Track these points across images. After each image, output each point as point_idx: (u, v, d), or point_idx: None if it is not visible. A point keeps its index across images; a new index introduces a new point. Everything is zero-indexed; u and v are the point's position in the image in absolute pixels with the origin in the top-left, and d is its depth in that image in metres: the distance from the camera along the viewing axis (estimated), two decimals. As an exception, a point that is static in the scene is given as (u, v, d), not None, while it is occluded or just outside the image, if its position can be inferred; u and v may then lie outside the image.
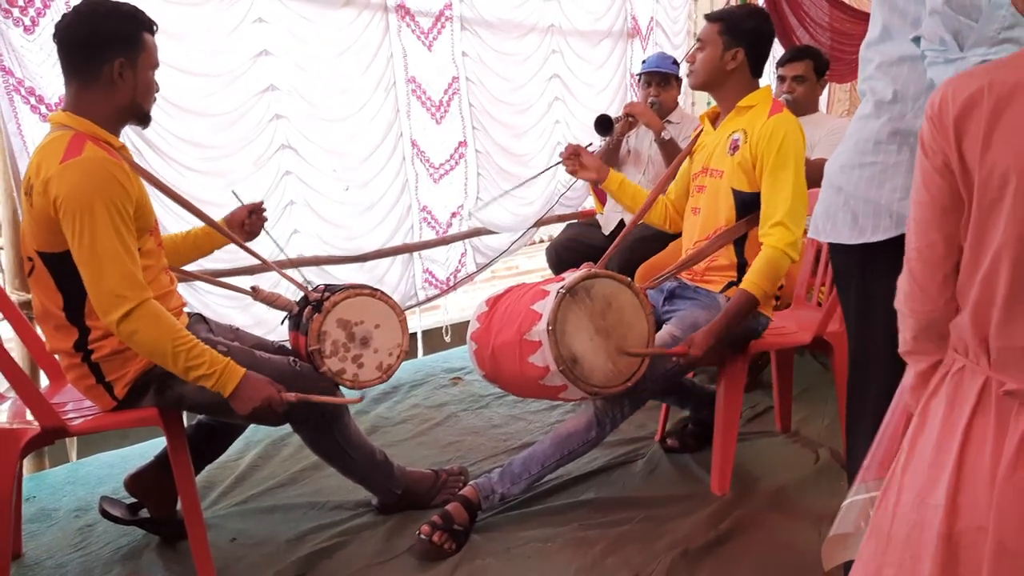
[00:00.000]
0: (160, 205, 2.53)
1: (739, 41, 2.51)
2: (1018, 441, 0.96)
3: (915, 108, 1.44)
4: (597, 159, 2.82)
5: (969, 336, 1.03)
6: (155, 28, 2.08)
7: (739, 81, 2.54)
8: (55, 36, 1.99)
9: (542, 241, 4.81)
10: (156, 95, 2.13)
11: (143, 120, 2.12)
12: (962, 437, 1.02)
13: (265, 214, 2.52)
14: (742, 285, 2.40)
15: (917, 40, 1.30)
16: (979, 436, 1.00)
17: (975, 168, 0.97)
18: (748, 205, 2.49)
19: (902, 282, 1.12)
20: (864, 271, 1.58)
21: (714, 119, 2.67)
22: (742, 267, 2.55)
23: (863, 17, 5.61)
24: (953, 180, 1.00)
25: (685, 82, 4.08)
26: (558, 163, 2.88)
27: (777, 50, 3.58)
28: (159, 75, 2.13)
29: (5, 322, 2.38)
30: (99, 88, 1.99)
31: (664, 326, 2.52)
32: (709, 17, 2.60)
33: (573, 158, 2.81)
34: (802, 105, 3.70)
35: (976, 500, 0.99)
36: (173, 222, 2.95)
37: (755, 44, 2.54)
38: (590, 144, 3.22)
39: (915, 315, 1.10)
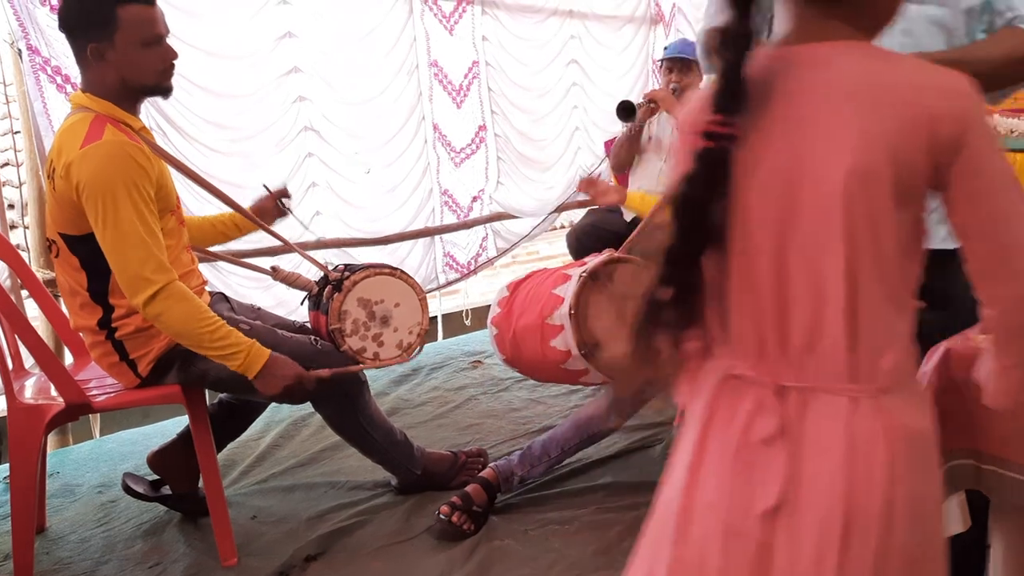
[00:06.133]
0: (182, 186, 2.54)
1: None
2: (743, 424, 1.01)
3: None
4: (610, 184, 2.87)
5: (715, 323, 1.07)
6: None
7: None
8: None
9: (563, 227, 4.80)
10: (164, 67, 2.01)
11: (153, 93, 2.06)
12: (702, 423, 1.06)
13: (289, 202, 2.51)
14: None
15: None
16: (714, 422, 1.05)
17: None
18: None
19: None
20: None
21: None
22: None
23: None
24: None
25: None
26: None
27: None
28: (180, 52, 2.08)
29: (31, 299, 2.41)
30: (92, 69, 1.98)
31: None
32: None
33: (591, 187, 2.90)
34: None
35: (707, 483, 1.04)
36: (195, 203, 2.97)
37: None
38: (612, 138, 3.20)
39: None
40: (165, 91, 2.09)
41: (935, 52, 1.36)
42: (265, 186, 2.50)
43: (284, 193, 2.49)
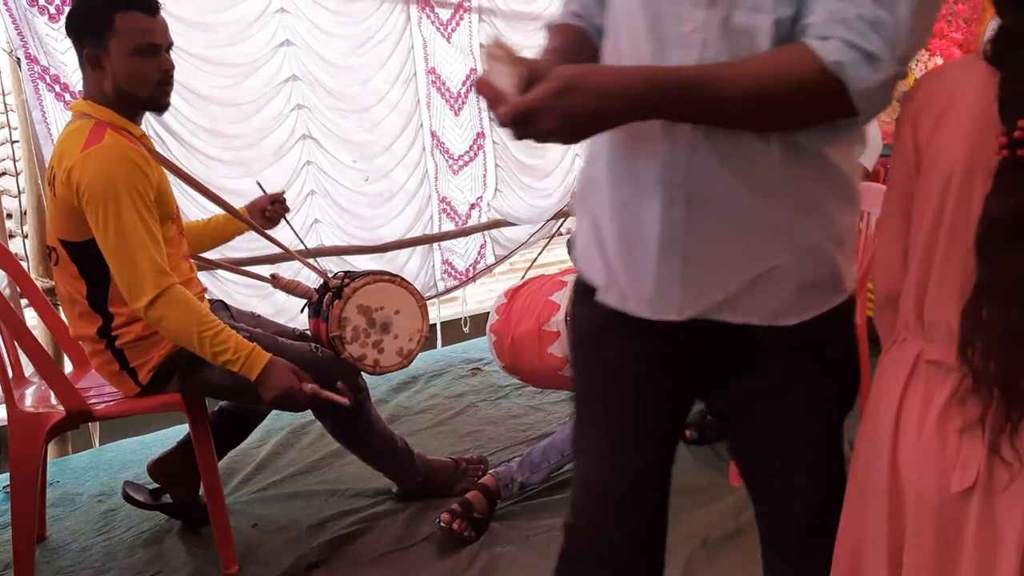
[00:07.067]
0: (181, 193, 2.54)
1: None
2: (940, 408, 1.06)
3: None
4: None
5: (909, 309, 1.12)
6: (147, 6, 1.97)
7: None
8: None
9: (561, 234, 4.81)
10: (158, 79, 2.00)
11: (148, 106, 2.07)
12: (897, 403, 1.12)
13: (287, 203, 2.52)
14: None
15: None
16: (910, 402, 1.11)
17: (923, 157, 1.07)
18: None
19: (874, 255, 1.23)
20: None
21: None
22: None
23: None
24: (912, 167, 1.10)
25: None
26: None
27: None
28: (178, 61, 2.10)
29: (30, 308, 2.41)
30: (90, 76, 2.00)
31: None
32: None
33: None
34: None
35: (906, 460, 1.10)
36: (194, 211, 2.97)
37: None
38: None
39: (878, 284, 1.20)
40: (160, 107, 2.09)
41: (670, 68, 1.00)
42: (259, 184, 2.50)
43: (279, 198, 2.49)
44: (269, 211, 2.47)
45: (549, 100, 0.96)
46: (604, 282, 1.20)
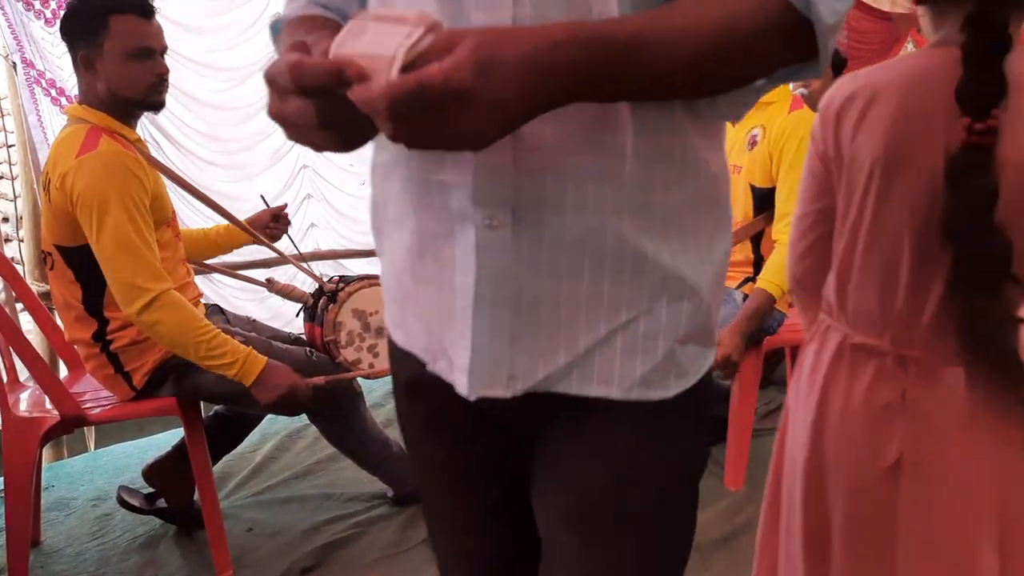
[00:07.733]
0: (178, 198, 2.55)
1: None
2: (865, 388, 1.13)
3: None
4: None
5: (832, 297, 1.20)
6: (142, 9, 1.97)
7: None
8: None
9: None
10: (152, 82, 1.99)
11: (143, 107, 2.06)
12: (822, 384, 1.19)
13: (288, 218, 2.53)
14: (758, 284, 2.38)
15: None
16: (834, 384, 1.17)
17: (845, 155, 1.13)
18: (766, 201, 2.48)
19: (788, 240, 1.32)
20: None
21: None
22: (758, 263, 2.54)
23: (880, 16, 5.58)
24: (829, 166, 1.17)
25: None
26: None
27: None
28: (174, 65, 2.11)
29: (25, 312, 2.41)
30: (84, 78, 2.00)
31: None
32: None
33: None
34: (817, 101, 3.67)
35: (831, 441, 1.17)
36: (191, 215, 2.97)
37: None
38: None
39: (788, 270, 1.30)
40: (155, 106, 2.09)
41: (587, 24, 0.65)
42: (263, 197, 2.51)
43: (280, 213, 2.50)
44: (272, 227, 2.47)
45: (467, 81, 0.58)
46: (429, 353, 0.86)
